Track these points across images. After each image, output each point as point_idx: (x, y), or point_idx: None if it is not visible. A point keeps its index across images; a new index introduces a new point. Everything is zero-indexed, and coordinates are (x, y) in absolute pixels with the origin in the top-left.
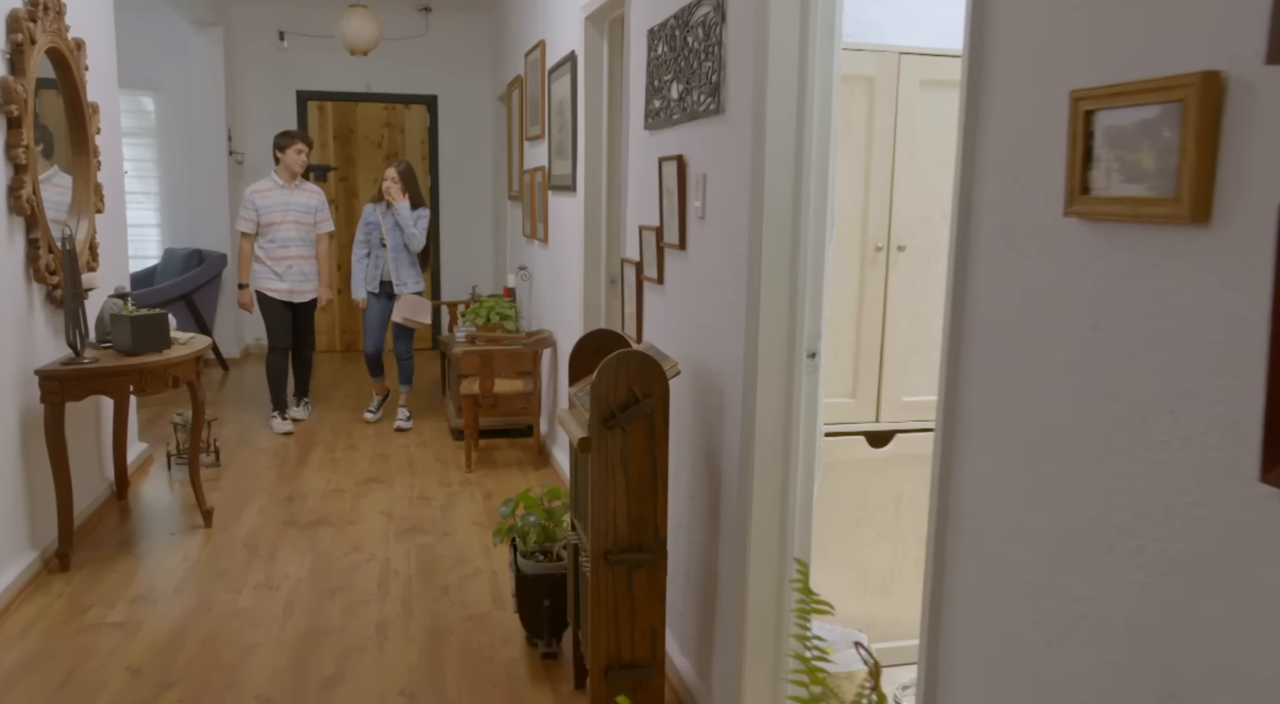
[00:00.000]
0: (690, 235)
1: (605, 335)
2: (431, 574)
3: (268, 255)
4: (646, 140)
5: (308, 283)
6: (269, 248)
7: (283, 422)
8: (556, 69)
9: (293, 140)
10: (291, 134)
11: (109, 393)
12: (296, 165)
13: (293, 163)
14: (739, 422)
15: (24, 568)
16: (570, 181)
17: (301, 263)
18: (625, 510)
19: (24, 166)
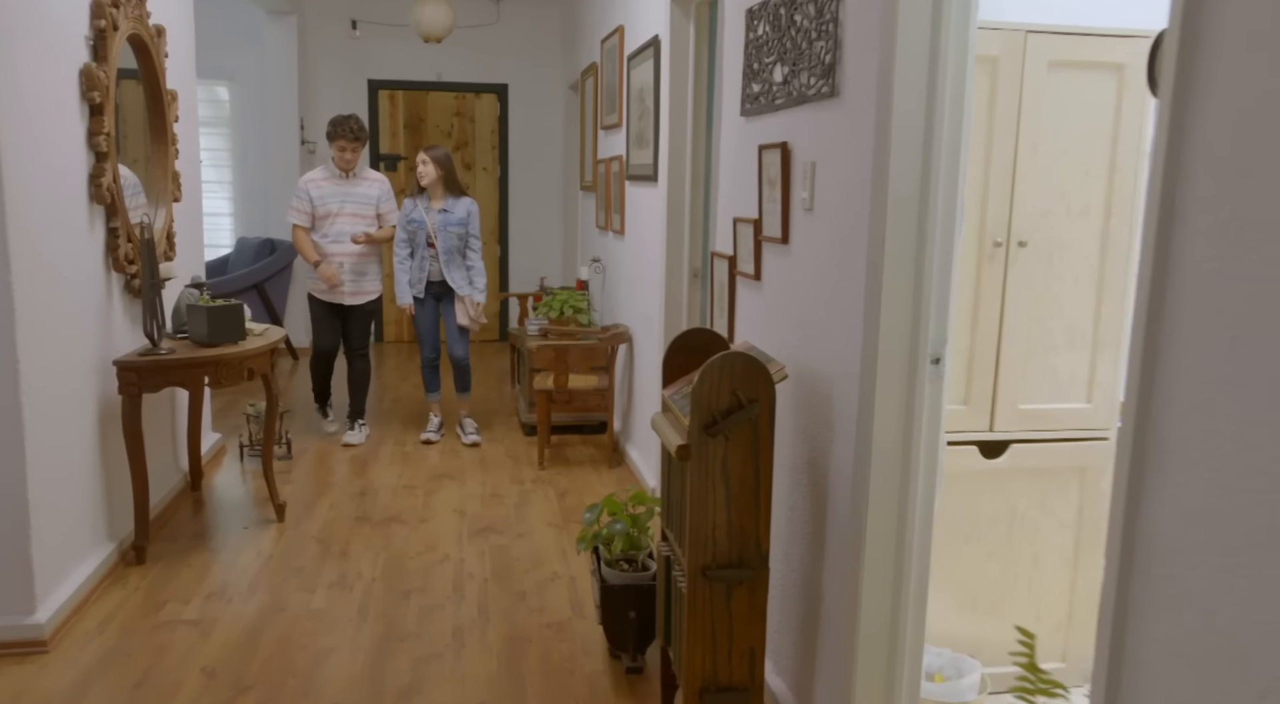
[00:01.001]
0: (794, 228)
1: (702, 335)
2: (507, 578)
3: (319, 251)
4: (743, 127)
5: (363, 284)
6: (321, 243)
7: (328, 422)
8: (637, 55)
9: (335, 136)
10: (336, 125)
11: (185, 385)
12: (342, 163)
13: (338, 160)
14: (852, 431)
15: (102, 560)
16: (651, 171)
17: (356, 262)
18: (725, 524)
19: (105, 155)
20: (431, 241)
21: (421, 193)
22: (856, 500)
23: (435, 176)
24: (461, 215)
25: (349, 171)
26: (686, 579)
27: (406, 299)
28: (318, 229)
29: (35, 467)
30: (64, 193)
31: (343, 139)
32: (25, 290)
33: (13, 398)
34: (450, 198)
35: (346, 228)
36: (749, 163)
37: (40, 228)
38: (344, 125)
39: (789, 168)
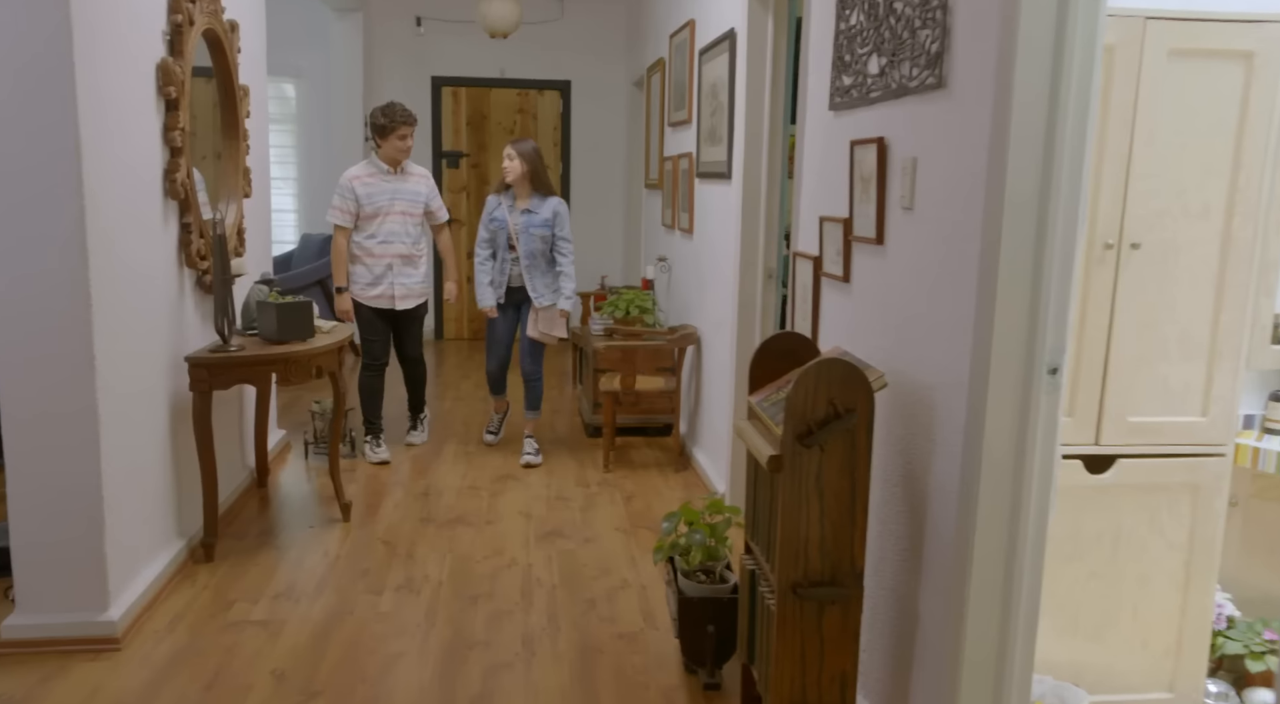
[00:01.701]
0: (890, 228)
1: (791, 339)
2: (576, 584)
3: (365, 253)
4: (831, 122)
5: (413, 286)
6: (368, 245)
7: (378, 449)
8: (709, 49)
9: (395, 124)
10: (392, 115)
11: (254, 382)
12: (400, 155)
13: (395, 153)
14: (958, 444)
15: (172, 557)
16: (724, 169)
17: (405, 264)
18: (819, 539)
19: (179, 150)
20: (513, 244)
21: (507, 189)
22: (963, 518)
23: (521, 173)
24: (546, 217)
25: (398, 166)
26: (776, 597)
27: (489, 301)
28: (362, 229)
29: (109, 464)
30: (139, 189)
31: (404, 126)
32: (102, 287)
33: (89, 396)
34: (536, 197)
35: (397, 227)
36: (838, 159)
37: (116, 224)
38: (398, 112)
39: (885, 164)
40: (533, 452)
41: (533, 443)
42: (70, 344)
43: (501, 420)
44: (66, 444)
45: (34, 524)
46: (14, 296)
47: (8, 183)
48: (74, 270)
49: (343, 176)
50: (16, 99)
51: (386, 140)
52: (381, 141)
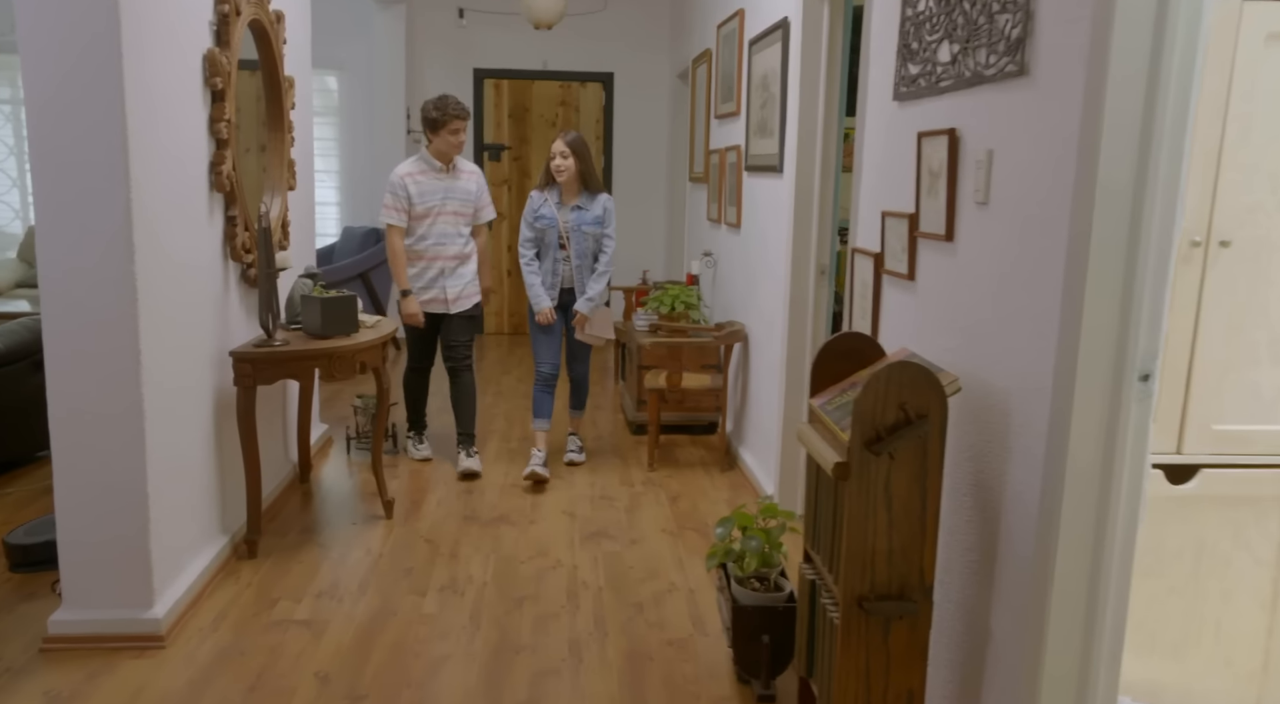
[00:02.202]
0: (961, 224)
1: (855, 339)
2: (622, 587)
3: (415, 256)
4: (895, 113)
5: (466, 288)
6: (418, 247)
7: (420, 446)
8: (760, 40)
9: (447, 118)
10: (444, 108)
11: (298, 377)
12: (453, 150)
13: (447, 148)
14: (1038, 452)
15: (215, 553)
16: (776, 162)
17: (457, 265)
18: (886, 551)
19: (225, 142)
20: (563, 243)
21: (551, 185)
22: (1043, 531)
23: (574, 172)
24: (597, 214)
25: (450, 163)
26: (840, 610)
27: (546, 302)
28: (411, 230)
29: (154, 460)
30: (185, 181)
31: (456, 120)
32: (148, 282)
33: (134, 392)
34: (585, 194)
35: (449, 228)
36: (903, 152)
37: (162, 217)
38: (450, 105)
39: (957, 157)
40: (576, 449)
41: (576, 440)
42: (116, 340)
43: (546, 458)
44: (112, 441)
45: (80, 521)
46: (61, 292)
47: (56, 176)
48: (120, 265)
49: (393, 174)
50: (66, 93)
51: (438, 135)
52: (433, 136)
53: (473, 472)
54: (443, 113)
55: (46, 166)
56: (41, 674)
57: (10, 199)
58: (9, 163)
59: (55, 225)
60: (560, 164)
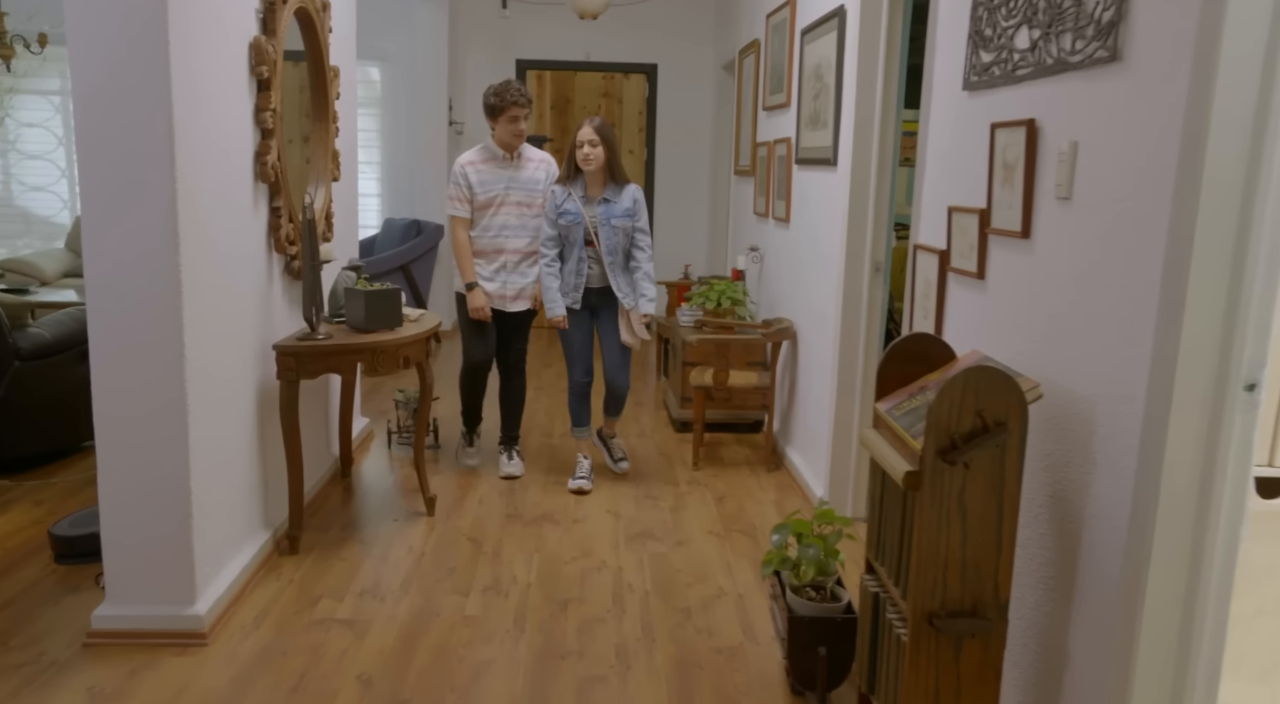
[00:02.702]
0: (1039, 221)
1: (924, 341)
2: (670, 591)
3: (476, 248)
4: (964, 104)
5: (528, 287)
6: (480, 239)
7: (471, 452)
8: (813, 29)
9: (505, 104)
10: (503, 94)
11: (340, 371)
12: (514, 139)
13: (508, 137)
14: (1128, 464)
15: (258, 549)
16: (829, 155)
17: (520, 260)
18: (959, 565)
19: (270, 131)
20: (591, 239)
21: (575, 177)
22: (1133, 548)
23: (602, 161)
24: (627, 205)
25: (514, 152)
26: (909, 626)
27: (559, 311)
28: (476, 223)
29: (197, 456)
30: (230, 171)
31: (515, 107)
32: (193, 275)
33: (178, 386)
34: (612, 185)
35: (512, 220)
36: (974, 144)
37: (208, 208)
38: (511, 91)
39: (1035, 149)
40: (621, 455)
41: (620, 445)
42: (161, 333)
43: (592, 466)
44: (156, 436)
45: (123, 517)
46: (106, 284)
47: (103, 167)
48: (165, 257)
49: (455, 163)
50: (113, 83)
51: (497, 122)
52: (493, 124)
53: (514, 476)
54: (501, 99)
55: (93, 157)
56: (85, 669)
57: (59, 189)
58: (58, 154)
59: (101, 216)
60: (589, 153)
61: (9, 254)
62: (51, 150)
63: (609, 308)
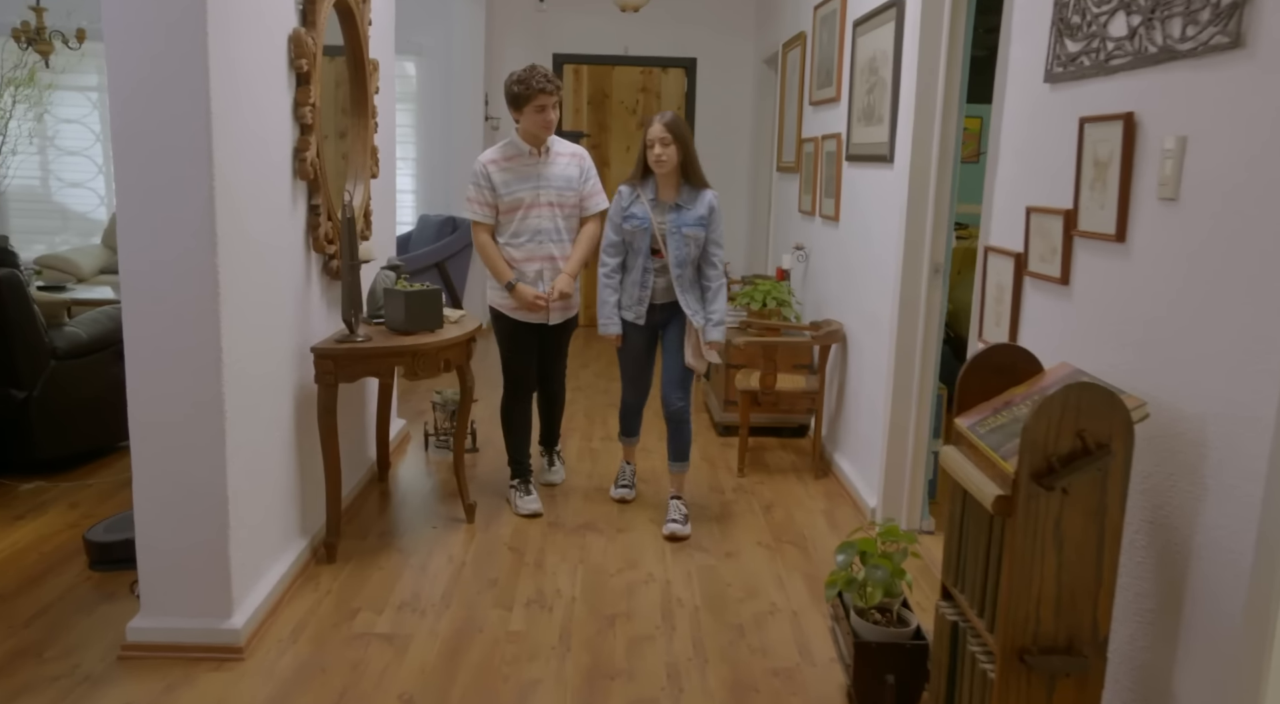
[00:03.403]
0: (1138, 223)
1: (1009, 353)
2: (720, 607)
3: (508, 259)
4: (1045, 97)
5: (572, 296)
6: (510, 245)
7: (527, 497)
8: (868, 20)
9: (531, 92)
10: (528, 80)
11: (380, 375)
12: (541, 130)
13: (535, 128)
14: (1253, 493)
15: (294, 558)
16: (886, 152)
17: (552, 265)
18: (1053, 598)
19: (309, 127)
20: (658, 248)
21: (645, 179)
22: (1260, 584)
23: (676, 162)
24: (701, 213)
25: (541, 146)
26: (996, 663)
27: (615, 327)
28: (502, 227)
29: (235, 463)
30: (268, 168)
31: (542, 94)
32: (230, 276)
33: (215, 390)
34: (687, 189)
35: (544, 223)
36: (1057, 140)
37: (246, 205)
38: (536, 77)
39: (1133, 145)
40: (680, 519)
41: (680, 507)
42: (197, 335)
43: (635, 471)
44: (192, 443)
45: (158, 526)
46: (142, 285)
47: (139, 163)
48: (203, 257)
49: (476, 161)
50: (151, 77)
51: (523, 112)
52: (518, 115)
53: (553, 483)
54: (526, 86)
55: (129, 153)
56: (120, 684)
57: (96, 185)
58: (95, 150)
59: (137, 214)
60: (661, 153)
61: (47, 250)
62: (89, 146)
63: (675, 325)
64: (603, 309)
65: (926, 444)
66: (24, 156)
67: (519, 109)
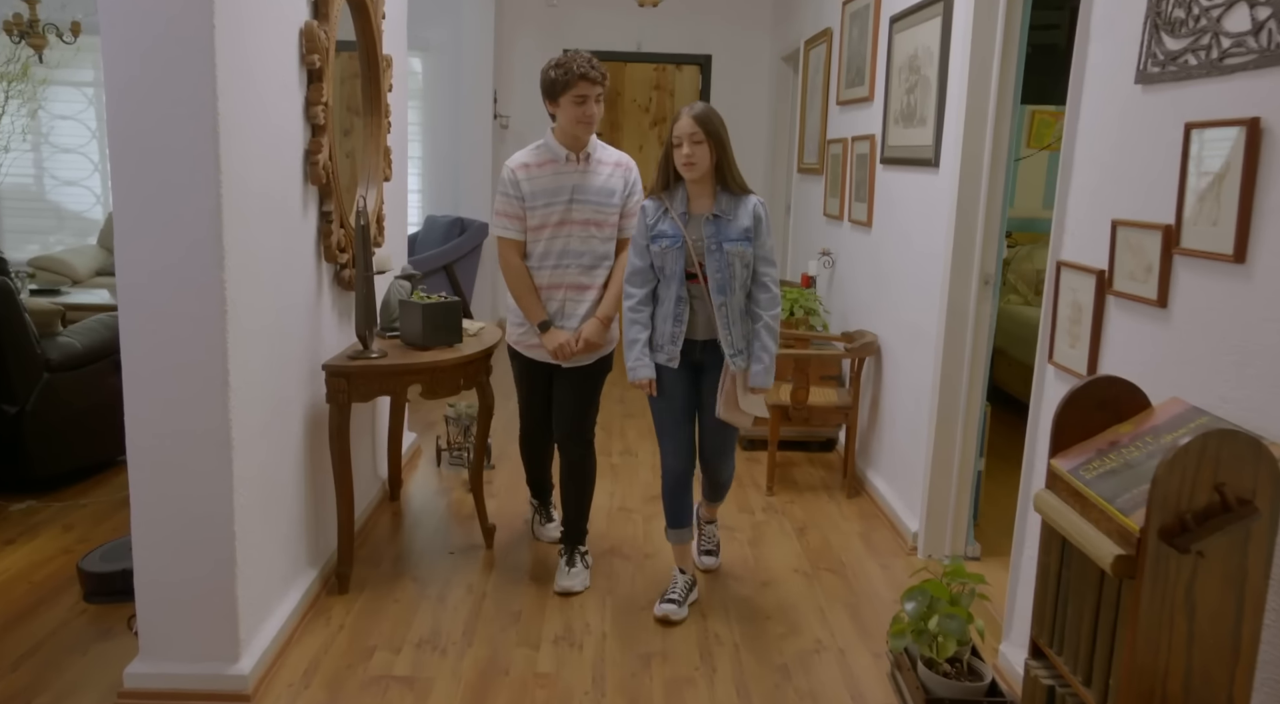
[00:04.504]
0: (1262, 242)
1: (1113, 386)
2: (762, 645)
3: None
4: (1137, 99)
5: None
6: (535, 269)
7: (548, 523)
8: (907, 17)
9: (570, 79)
10: (567, 66)
11: (395, 393)
12: (581, 129)
13: (573, 126)
14: None
15: (304, 591)
16: (929, 155)
17: (584, 296)
18: (1182, 671)
19: (322, 128)
20: (694, 271)
21: (673, 187)
22: None
23: (708, 164)
24: (745, 224)
25: (581, 151)
26: None
27: (646, 371)
28: (529, 247)
29: (242, 493)
30: (279, 172)
31: (584, 81)
32: (238, 288)
33: (221, 412)
34: (725, 195)
35: (578, 244)
36: (1154, 147)
37: (255, 213)
38: (576, 63)
39: (1256, 155)
40: (712, 546)
41: (714, 534)
42: (202, 354)
43: (692, 583)
44: (196, 468)
45: (159, 559)
46: (140, 298)
47: (138, 165)
48: (208, 269)
49: (505, 167)
50: (151, 70)
51: (559, 105)
52: (554, 108)
53: (572, 591)
54: (565, 71)
55: (127, 154)
56: None
57: (91, 184)
58: (91, 147)
59: (136, 221)
60: (691, 154)
61: (41, 251)
62: (84, 143)
63: (718, 366)
64: (630, 350)
65: (974, 465)
66: (17, 154)
67: (555, 100)
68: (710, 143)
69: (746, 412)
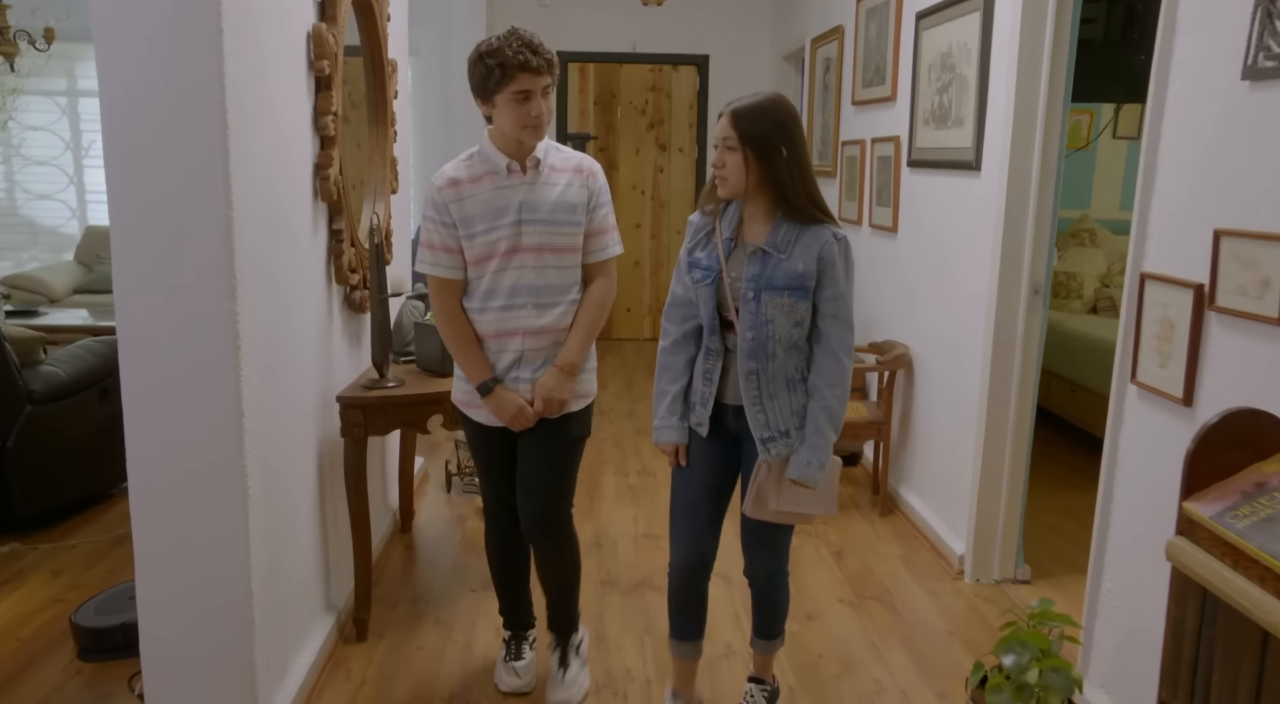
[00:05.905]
0: None
1: (1251, 420)
2: (818, 687)
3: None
4: (1244, 97)
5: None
6: (476, 313)
7: (514, 664)
8: (938, 12)
9: (507, 70)
10: (501, 52)
11: (415, 425)
12: (525, 132)
13: (513, 128)
14: None
15: (322, 642)
16: (969, 157)
17: (541, 341)
18: None
19: (331, 139)
20: (728, 317)
21: (728, 203)
22: None
23: (743, 179)
24: (802, 268)
25: (526, 157)
26: None
27: (671, 435)
28: (469, 287)
29: (258, 542)
30: (288, 188)
31: (524, 74)
32: (249, 315)
33: (235, 457)
34: (783, 224)
35: (530, 278)
36: (1270, 150)
37: (265, 235)
38: (513, 46)
39: None
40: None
41: (763, 691)
42: (212, 390)
43: None
44: (205, 510)
45: (166, 615)
46: (142, 332)
47: (137, 183)
48: (218, 294)
49: (430, 183)
50: (152, 77)
51: (493, 105)
52: (488, 108)
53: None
54: (499, 62)
55: (125, 171)
56: None
57: (67, 197)
58: (65, 159)
59: (135, 246)
60: (720, 163)
61: (15, 268)
62: (59, 155)
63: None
64: (658, 405)
65: (1023, 485)
66: None
67: (488, 99)
68: (747, 151)
69: (782, 511)
